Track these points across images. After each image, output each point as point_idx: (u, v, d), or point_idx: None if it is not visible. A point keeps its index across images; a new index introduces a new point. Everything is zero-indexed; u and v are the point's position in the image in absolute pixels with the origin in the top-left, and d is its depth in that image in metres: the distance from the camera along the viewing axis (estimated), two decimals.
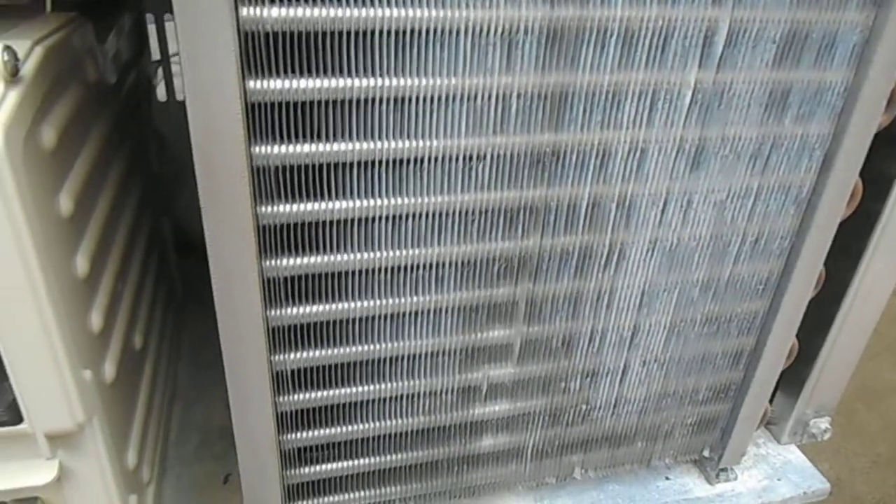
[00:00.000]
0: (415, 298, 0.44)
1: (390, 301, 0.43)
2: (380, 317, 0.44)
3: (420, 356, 0.46)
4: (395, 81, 0.36)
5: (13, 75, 0.32)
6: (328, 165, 0.38)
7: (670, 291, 0.49)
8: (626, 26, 0.38)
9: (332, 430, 0.48)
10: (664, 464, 0.61)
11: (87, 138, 0.45)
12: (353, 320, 0.43)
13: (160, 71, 0.82)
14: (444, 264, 0.43)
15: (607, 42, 0.38)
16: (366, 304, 0.43)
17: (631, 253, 0.46)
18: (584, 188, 0.43)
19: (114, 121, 0.52)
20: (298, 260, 0.40)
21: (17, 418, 0.37)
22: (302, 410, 0.46)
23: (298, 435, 0.47)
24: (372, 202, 0.39)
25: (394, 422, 0.49)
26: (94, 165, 0.44)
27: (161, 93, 0.83)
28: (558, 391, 0.52)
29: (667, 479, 0.62)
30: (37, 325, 0.34)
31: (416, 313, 0.44)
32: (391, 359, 0.46)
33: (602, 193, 0.43)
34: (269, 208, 0.38)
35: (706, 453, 0.61)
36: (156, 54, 0.80)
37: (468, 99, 0.38)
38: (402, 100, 0.37)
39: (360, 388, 0.46)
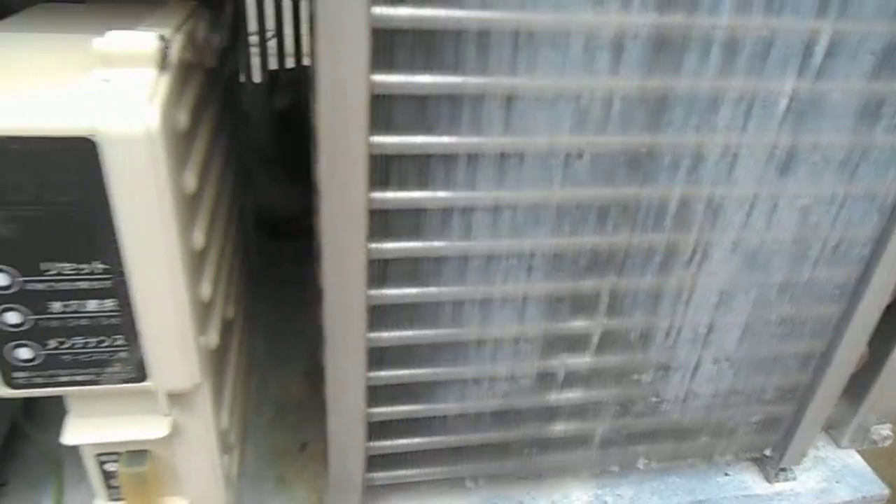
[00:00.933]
0: (505, 287, 0.46)
1: (482, 288, 0.45)
2: (470, 302, 0.46)
3: (503, 341, 0.49)
4: (506, 80, 0.38)
5: (165, 61, 0.35)
6: (437, 157, 0.40)
7: (748, 292, 0.51)
8: (730, 34, 0.40)
9: (415, 407, 0.50)
10: (724, 460, 0.63)
11: (202, 120, 0.47)
12: (446, 304, 0.46)
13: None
14: (535, 255, 0.45)
15: (710, 49, 0.40)
16: (459, 289, 0.45)
17: (714, 253, 0.48)
18: (675, 188, 0.44)
19: (220, 104, 0.55)
20: (401, 244, 0.42)
21: (142, 376, 0.40)
22: (390, 386, 0.48)
23: (384, 409, 0.50)
24: (474, 193, 0.42)
25: (472, 403, 0.51)
26: (207, 146, 0.47)
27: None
28: (630, 382, 0.53)
29: (726, 475, 0.63)
30: (170, 292, 0.37)
31: (505, 301, 0.47)
32: (476, 342, 0.48)
33: (691, 194, 0.45)
34: (380, 194, 0.40)
35: (767, 452, 0.62)
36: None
37: (573, 99, 0.40)
38: (512, 98, 0.39)
39: (444, 369, 0.49)
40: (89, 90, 0.33)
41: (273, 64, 0.99)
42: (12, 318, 0.36)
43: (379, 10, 0.35)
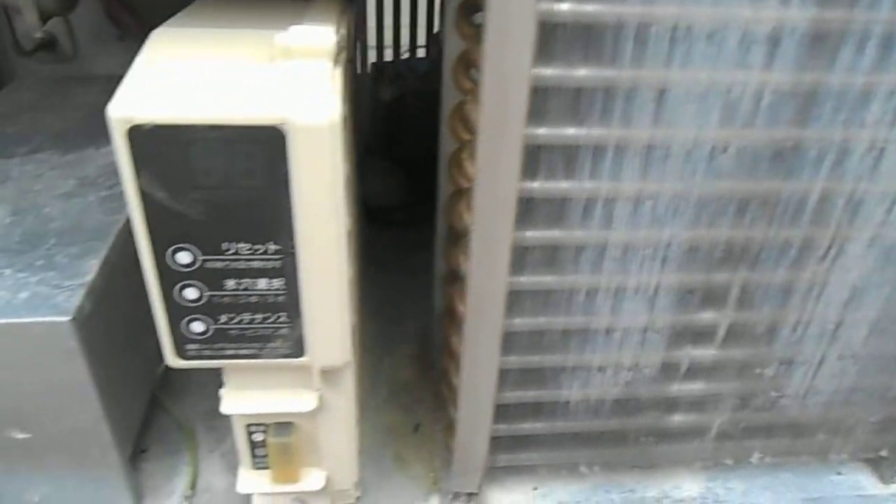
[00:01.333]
0: (639, 277, 0.47)
1: (617, 277, 0.46)
2: (604, 291, 0.47)
3: (632, 331, 0.49)
4: (661, 73, 0.39)
5: (339, 55, 0.37)
6: (585, 148, 0.41)
7: (881, 288, 0.50)
8: (889, 29, 0.39)
9: (541, 392, 0.52)
10: (839, 459, 0.62)
11: (345, 110, 0.50)
12: (580, 292, 0.47)
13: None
14: (671, 246, 0.46)
15: (867, 44, 0.40)
16: (595, 278, 0.46)
17: (850, 248, 0.47)
18: (817, 183, 0.44)
19: (352, 94, 0.57)
20: (544, 232, 0.44)
21: (300, 352, 0.42)
22: (519, 371, 0.50)
23: (513, 393, 0.51)
24: (618, 184, 0.43)
25: (596, 390, 0.52)
26: (349, 134, 0.49)
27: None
28: (752, 376, 0.54)
29: (839, 474, 0.63)
30: (336, 273, 0.39)
31: (637, 290, 0.47)
32: (606, 331, 0.49)
33: (833, 189, 0.45)
34: (530, 184, 0.42)
35: (884, 453, 0.61)
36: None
37: (724, 93, 0.40)
38: (664, 91, 0.40)
39: (573, 356, 0.50)
40: (277, 83, 0.35)
41: (372, 57, 1.02)
42: (191, 293, 0.39)
43: (545, 6, 0.36)
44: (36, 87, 0.77)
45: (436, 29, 0.96)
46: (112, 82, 0.72)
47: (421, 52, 1.02)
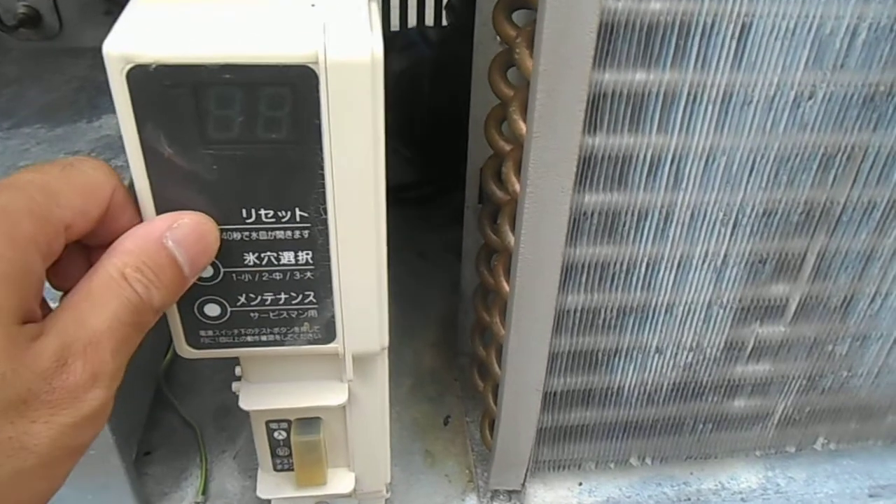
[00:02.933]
0: (707, 245, 0.41)
1: (683, 246, 0.41)
2: (667, 263, 0.42)
3: (695, 307, 0.44)
4: (745, 4, 0.34)
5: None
6: (654, 97, 0.36)
7: None
8: None
9: (593, 377, 0.46)
10: None
11: None
12: (641, 264, 0.42)
13: None
14: (744, 211, 0.40)
15: None
16: (658, 247, 0.41)
17: None
18: None
19: None
20: (606, 196, 0.38)
21: (330, 337, 0.37)
22: (572, 353, 0.45)
23: (563, 379, 0.46)
24: (690, 138, 0.37)
25: (653, 374, 0.47)
26: None
27: None
28: (823, 355, 0.49)
29: None
30: (374, 244, 0.34)
31: (703, 262, 0.42)
32: (667, 307, 0.44)
33: None
34: (591, 139, 0.36)
35: None
36: None
37: (815, 28, 0.35)
38: (746, 26, 0.34)
39: (629, 337, 0.45)
40: (304, 15, 0.30)
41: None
42: (204, 271, 0.33)
43: (609, 3, 0.31)
44: (20, 60, 0.71)
45: None
46: (100, 55, 0.67)
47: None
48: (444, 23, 0.86)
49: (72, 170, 0.28)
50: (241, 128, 0.30)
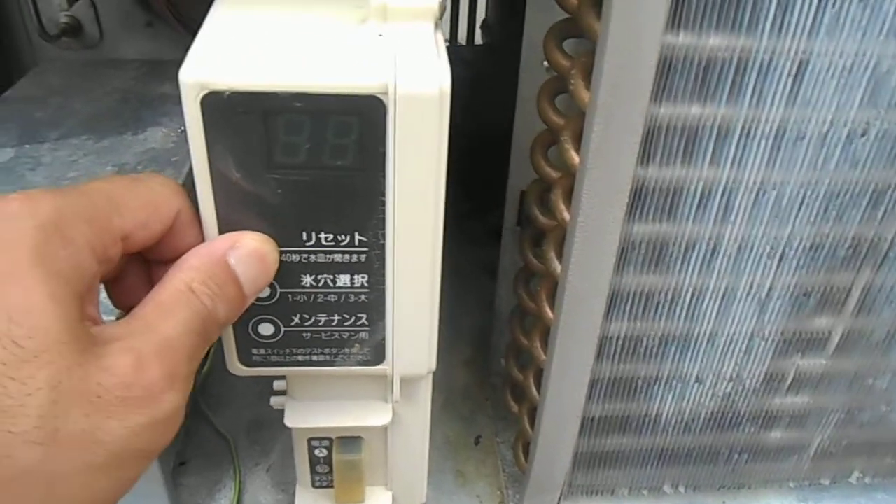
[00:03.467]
0: (752, 277, 0.41)
1: (728, 278, 0.41)
2: (712, 294, 0.42)
3: (737, 338, 0.44)
4: (804, 42, 0.34)
5: (441, 16, 0.32)
6: (708, 130, 0.36)
7: None
8: None
9: (632, 404, 0.47)
10: None
11: None
12: (685, 294, 0.42)
13: None
14: (792, 244, 0.40)
15: None
16: (704, 278, 0.41)
17: None
18: None
19: None
20: (655, 226, 0.39)
21: (379, 359, 0.37)
22: (613, 380, 0.45)
23: (602, 405, 0.46)
24: (741, 172, 0.37)
25: (691, 403, 0.47)
26: None
27: None
28: (863, 389, 0.48)
29: None
30: (430, 268, 0.34)
31: (748, 294, 0.42)
32: (709, 337, 0.44)
33: None
34: (644, 170, 0.36)
35: None
36: None
37: (873, 67, 0.35)
38: (803, 63, 0.35)
39: (670, 365, 0.45)
40: (373, 47, 0.30)
41: None
42: (262, 290, 0.34)
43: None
44: (63, 71, 0.72)
45: (480, 16, 0.91)
46: (144, 67, 0.68)
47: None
48: (479, 41, 0.87)
49: (140, 184, 0.28)
50: (307, 154, 0.30)
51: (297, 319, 0.35)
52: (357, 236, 0.33)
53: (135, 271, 0.31)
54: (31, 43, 0.87)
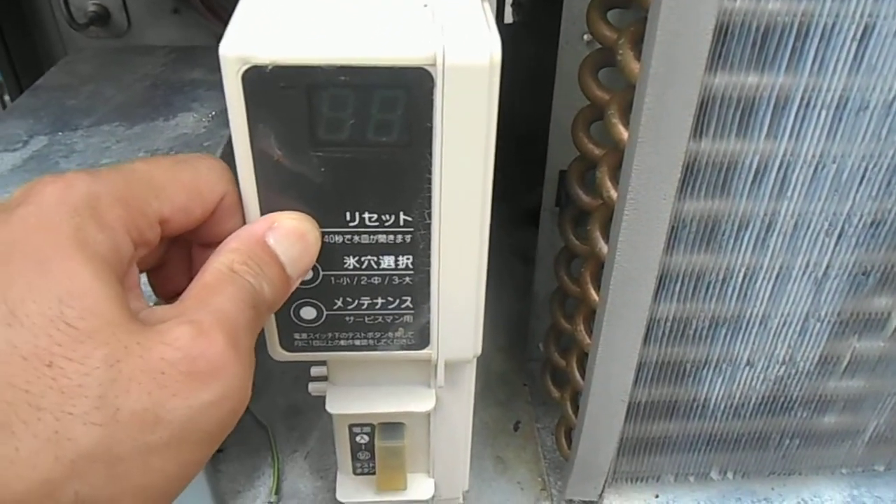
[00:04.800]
0: (809, 255, 0.40)
1: (783, 256, 0.40)
2: (766, 273, 0.40)
3: (791, 320, 0.43)
4: (869, 3, 0.32)
5: None
6: (765, 101, 0.34)
7: None
8: None
9: (680, 389, 0.45)
10: None
11: None
12: (738, 274, 0.40)
13: None
14: (851, 221, 0.39)
15: None
16: (757, 257, 0.39)
17: None
18: None
19: None
20: (708, 203, 0.37)
21: (423, 343, 0.36)
22: (661, 363, 0.43)
23: (649, 390, 0.45)
24: (799, 144, 0.36)
25: (741, 387, 0.46)
26: None
27: None
28: None
29: None
30: (479, 249, 0.33)
31: (804, 273, 0.41)
32: (761, 319, 0.42)
33: None
34: (697, 144, 0.35)
35: None
36: None
37: None
38: (868, 27, 0.33)
39: (720, 348, 0.43)
40: (417, 16, 0.29)
41: None
42: (307, 272, 0.33)
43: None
44: (93, 59, 0.72)
45: None
46: (172, 53, 0.67)
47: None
48: (508, 20, 0.85)
49: (184, 165, 0.27)
50: (351, 130, 0.29)
51: (339, 303, 0.34)
52: (402, 216, 0.32)
53: (177, 258, 0.31)
54: (59, 32, 0.88)
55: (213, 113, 0.59)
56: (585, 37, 0.46)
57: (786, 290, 0.41)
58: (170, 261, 0.30)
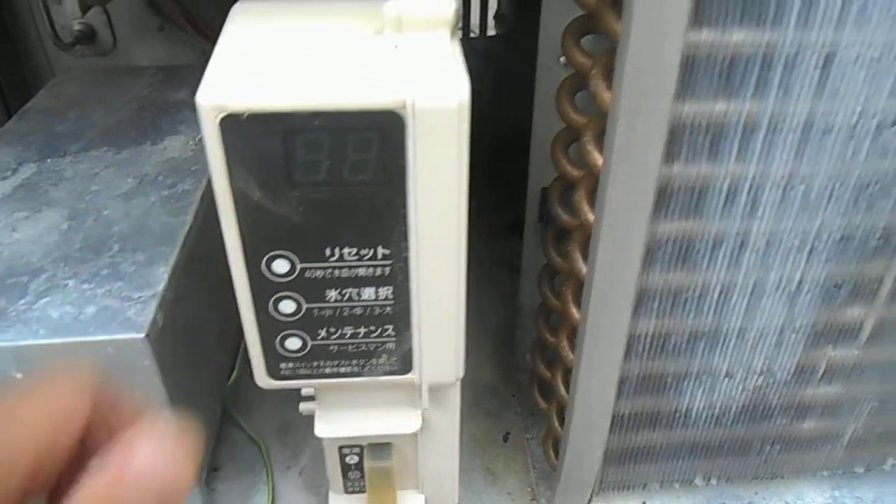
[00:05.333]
0: (782, 271, 0.41)
1: (756, 274, 0.41)
2: (740, 289, 0.41)
3: (767, 332, 0.44)
4: (830, 34, 0.33)
5: (458, 25, 0.32)
6: (733, 126, 0.35)
7: None
8: None
9: (662, 400, 0.46)
10: None
11: None
12: (713, 291, 0.41)
13: None
14: (821, 237, 0.40)
15: None
16: (732, 274, 0.40)
17: None
18: None
19: None
20: (682, 224, 0.38)
21: (406, 368, 0.37)
22: (642, 377, 0.44)
23: (632, 402, 0.46)
24: (768, 167, 0.37)
25: (722, 397, 0.47)
26: None
27: None
28: (895, 382, 0.48)
29: None
30: (455, 279, 0.34)
31: (777, 288, 0.42)
32: (738, 332, 0.43)
33: None
34: (670, 168, 0.36)
35: None
36: None
37: None
38: (831, 56, 0.34)
39: (700, 361, 0.44)
40: (389, 59, 0.30)
41: None
42: (287, 307, 0.34)
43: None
44: (81, 81, 0.72)
45: (492, 6, 0.90)
46: (159, 74, 0.68)
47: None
48: (491, 32, 0.86)
49: (26, 413, 0.20)
50: (328, 171, 0.30)
51: (323, 333, 0.35)
52: (380, 250, 0.33)
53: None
54: (45, 51, 0.88)
55: (200, 136, 0.60)
56: (562, 59, 0.47)
57: (760, 305, 0.42)
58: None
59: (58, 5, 0.81)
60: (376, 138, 0.29)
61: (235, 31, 0.32)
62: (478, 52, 0.83)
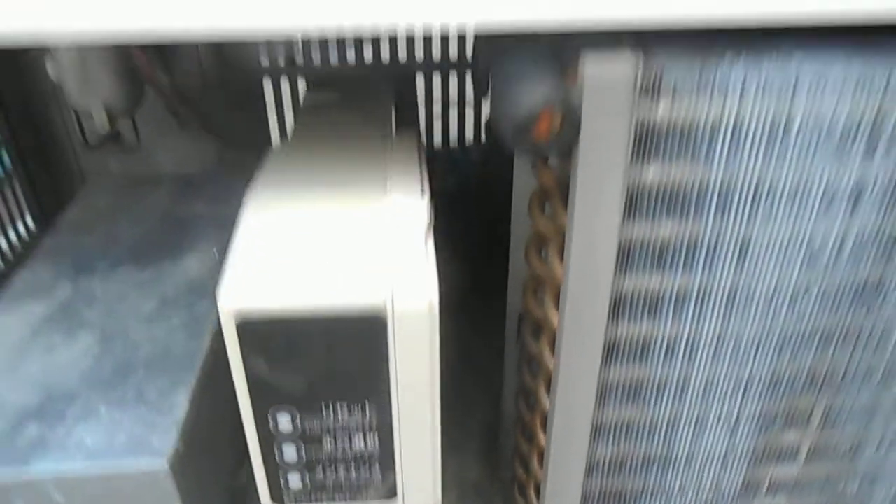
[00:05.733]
0: (721, 408, 0.47)
1: (698, 410, 0.47)
2: (685, 422, 0.47)
3: (713, 457, 0.50)
4: (743, 229, 0.40)
5: (432, 223, 0.39)
6: (669, 296, 0.42)
7: None
8: None
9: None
10: None
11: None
12: (662, 423, 0.47)
13: None
14: (753, 381, 0.46)
15: None
16: (676, 410, 0.47)
17: None
18: None
19: None
20: (629, 369, 0.44)
21: (392, 495, 0.43)
22: (604, 494, 0.50)
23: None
24: (700, 327, 0.43)
25: None
26: None
27: None
28: (835, 493, 0.53)
29: None
30: (430, 429, 0.40)
31: (719, 420, 0.48)
32: (686, 457, 0.49)
33: None
34: (614, 327, 0.42)
35: None
36: None
37: (806, 243, 0.40)
38: (746, 244, 0.40)
39: (654, 479, 0.50)
40: (374, 263, 0.37)
41: None
42: (290, 453, 0.40)
43: (634, 173, 0.37)
44: (109, 191, 0.80)
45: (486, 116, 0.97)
46: (178, 183, 0.75)
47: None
48: (484, 139, 0.94)
49: None
50: (324, 357, 0.37)
51: (320, 472, 0.42)
52: (368, 406, 0.39)
53: None
54: (74, 151, 0.96)
55: (216, 250, 0.67)
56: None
57: (704, 435, 0.48)
58: None
59: (89, 118, 0.89)
60: (362, 334, 0.36)
61: (248, 230, 0.39)
62: (472, 161, 0.90)
